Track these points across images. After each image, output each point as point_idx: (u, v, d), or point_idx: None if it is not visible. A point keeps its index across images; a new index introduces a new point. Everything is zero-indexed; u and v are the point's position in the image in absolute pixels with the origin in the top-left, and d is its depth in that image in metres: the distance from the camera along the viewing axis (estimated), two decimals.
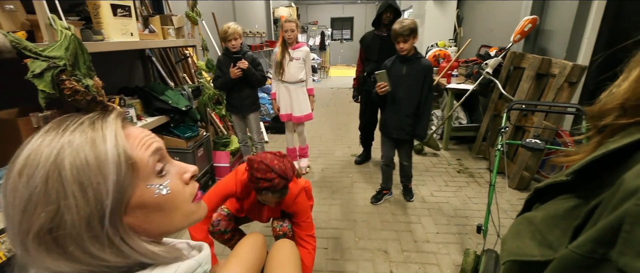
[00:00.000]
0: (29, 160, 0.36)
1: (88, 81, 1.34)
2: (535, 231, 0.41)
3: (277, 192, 1.21)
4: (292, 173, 1.23)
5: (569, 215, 0.37)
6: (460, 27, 4.56)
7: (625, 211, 0.27)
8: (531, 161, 2.58)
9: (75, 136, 0.38)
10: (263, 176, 1.17)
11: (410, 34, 1.90)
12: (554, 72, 2.48)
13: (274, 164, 1.18)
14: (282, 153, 1.29)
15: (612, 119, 0.37)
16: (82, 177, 0.36)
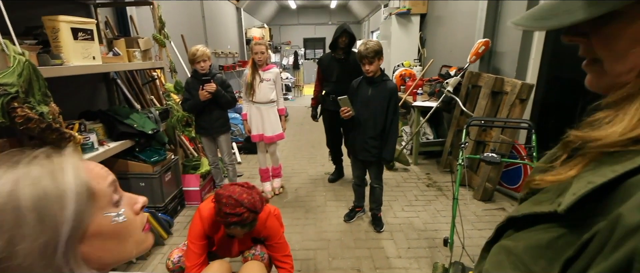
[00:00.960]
0: None
1: (43, 107, 1.28)
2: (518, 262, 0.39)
3: (246, 226, 1.21)
4: (261, 205, 1.23)
5: (553, 245, 0.36)
6: (423, 48, 4.84)
7: (634, 249, 0.27)
8: (493, 173, 2.73)
9: (31, 168, 0.38)
10: (232, 212, 1.16)
11: (374, 55, 1.99)
12: (507, 90, 2.70)
13: (243, 198, 1.18)
14: (250, 184, 1.29)
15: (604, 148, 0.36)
16: (40, 206, 0.36)
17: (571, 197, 0.34)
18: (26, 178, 0.37)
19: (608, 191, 0.32)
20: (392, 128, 2.11)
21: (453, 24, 3.90)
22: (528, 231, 0.41)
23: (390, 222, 2.49)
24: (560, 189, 0.38)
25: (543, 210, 0.38)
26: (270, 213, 1.42)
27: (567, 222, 0.35)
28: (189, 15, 4.54)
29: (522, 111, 2.60)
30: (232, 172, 2.84)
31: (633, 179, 0.31)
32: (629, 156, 0.32)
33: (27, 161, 0.39)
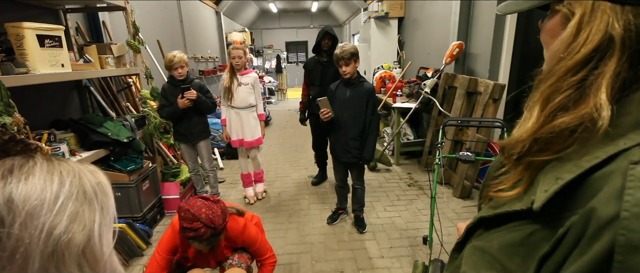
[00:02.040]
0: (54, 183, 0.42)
1: (5, 118, 1.23)
2: (492, 260, 0.40)
3: (204, 241, 1.18)
4: (223, 221, 1.19)
5: (526, 242, 0.37)
6: (402, 51, 4.95)
7: (613, 242, 0.28)
8: (470, 171, 2.82)
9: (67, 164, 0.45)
10: (189, 226, 1.15)
11: (350, 57, 2.02)
12: (480, 90, 2.79)
13: (201, 213, 1.15)
14: (216, 199, 1.26)
15: (532, 154, 0.39)
16: (96, 194, 0.45)
17: (544, 194, 0.35)
18: (78, 171, 0.45)
19: (574, 187, 0.34)
20: (371, 128, 2.14)
21: (429, 27, 4.01)
22: (498, 230, 0.42)
23: (372, 223, 2.52)
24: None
25: (516, 208, 0.39)
26: (246, 224, 1.40)
27: (539, 219, 0.36)
28: (165, 19, 4.45)
29: (496, 110, 2.70)
30: (214, 178, 2.80)
31: (597, 173, 0.32)
32: (588, 151, 0.34)
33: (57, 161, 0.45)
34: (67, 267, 0.40)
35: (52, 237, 0.39)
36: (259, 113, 2.73)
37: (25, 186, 0.39)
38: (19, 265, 0.37)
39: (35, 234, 0.38)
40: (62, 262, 0.40)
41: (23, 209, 0.38)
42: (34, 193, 0.40)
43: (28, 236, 0.38)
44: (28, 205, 0.39)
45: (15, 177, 0.40)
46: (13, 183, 0.39)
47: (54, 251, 0.39)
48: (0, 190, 0.39)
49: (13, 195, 0.39)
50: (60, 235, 0.40)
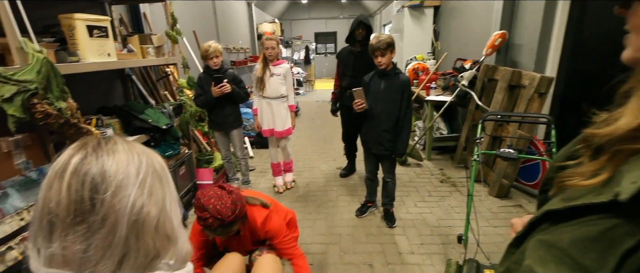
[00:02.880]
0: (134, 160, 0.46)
1: (61, 103, 1.31)
2: (562, 255, 0.38)
3: (214, 231, 1.17)
4: (232, 213, 1.15)
5: (605, 236, 0.35)
6: (437, 41, 4.73)
7: None
8: (509, 169, 2.66)
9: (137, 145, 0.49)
10: (199, 214, 1.15)
11: (387, 48, 1.96)
12: (525, 84, 2.60)
13: (209, 203, 1.13)
14: (231, 189, 1.23)
15: (621, 143, 0.37)
16: (162, 171, 0.50)
17: (633, 186, 0.34)
18: (147, 152, 0.49)
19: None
20: (405, 121, 2.08)
21: (468, 16, 3.78)
22: (570, 224, 0.40)
23: (402, 218, 2.46)
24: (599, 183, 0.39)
25: (597, 201, 0.37)
26: (270, 215, 1.36)
27: (623, 212, 0.35)
28: (200, 11, 4.57)
29: (541, 106, 2.51)
30: (245, 166, 2.87)
31: None
32: None
33: (132, 142, 0.49)
34: (144, 238, 0.44)
35: (136, 208, 0.43)
36: (289, 104, 2.74)
37: (114, 160, 0.44)
38: (109, 229, 0.41)
39: (123, 202, 0.42)
40: (142, 233, 0.44)
41: (114, 180, 0.42)
42: (121, 167, 0.44)
43: (118, 203, 0.42)
44: (117, 177, 0.43)
45: (105, 152, 0.44)
46: (104, 157, 0.44)
47: (136, 220, 0.43)
48: (95, 161, 0.43)
49: (105, 167, 0.43)
50: (142, 206, 0.44)
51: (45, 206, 0.41)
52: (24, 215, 1.17)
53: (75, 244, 0.40)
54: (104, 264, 0.41)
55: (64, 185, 0.41)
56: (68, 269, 0.41)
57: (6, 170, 1.32)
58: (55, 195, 0.41)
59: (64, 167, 0.42)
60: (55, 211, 0.41)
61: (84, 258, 0.41)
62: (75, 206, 0.41)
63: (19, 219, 1.15)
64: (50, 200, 0.41)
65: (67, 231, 0.41)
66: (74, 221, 0.41)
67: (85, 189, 0.41)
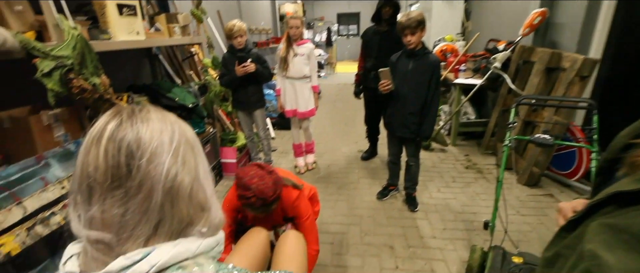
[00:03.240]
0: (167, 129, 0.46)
1: (95, 79, 1.36)
2: (633, 241, 0.36)
3: (255, 209, 1.21)
4: (273, 193, 1.19)
5: None
6: (468, 21, 4.48)
7: None
8: (541, 157, 2.53)
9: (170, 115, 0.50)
10: (242, 193, 1.18)
11: (417, 26, 1.87)
12: (565, 66, 2.42)
13: (252, 183, 1.16)
14: (270, 169, 1.25)
15: None
16: (194, 140, 0.50)
17: None
18: (178, 121, 0.49)
19: None
20: (432, 104, 2.00)
21: None
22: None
23: (425, 202, 2.43)
24: None
25: None
26: (299, 196, 1.39)
27: None
28: None
29: (582, 90, 2.34)
30: (267, 146, 2.90)
31: None
32: None
33: (162, 111, 0.49)
34: (178, 205, 0.45)
35: (170, 174, 0.44)
36: (313, 85, 2.71)
37: (149, 127, 0.44)
38: (145, 195, 0.42)
39: (158, 169, 0.43)
40: (177, 199, 0.45)
41: (148, 147, 0.43)
42: (155, 135, 0.44)
43: (153, 169, 0.43)
44: (152, 144, 0.43)
45: (139, 119, 0.45)
46: (139, 124, 0.44)
47: (172, 187, 0.44)
48: (130, 128, 0.43)
49: (140, 134, 0.43)
50: (176, 174, 0.44)
51: (84, 170, 0.42)
52: (64, 184, 1.24)
53: (113, 208, 0.42)
54: (141, 229, 0.43)
55: (101, 150, 0.42)
56: (107, 231, 0.42)
57: (47, 142, 1.40)
58: (93, 160, 0.42)
59: (101, 133, 0.43)
60: (94, 175, 0.42)
61: (122, 222, 0.42)
62: (112, 172, 0.41)
63: (61, 187, 1.22)
64: (88, 165, 0.42)
65: (105, 195, 0.42)
66: (111, 186, 0.42)
67: (121, 155, 0.42)
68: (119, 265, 0.40)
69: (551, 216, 2.23)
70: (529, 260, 1.49)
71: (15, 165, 1.21)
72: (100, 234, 0.42)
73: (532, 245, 1.95)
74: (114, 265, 0.40)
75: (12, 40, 1.15)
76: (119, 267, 0.40)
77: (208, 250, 0.48)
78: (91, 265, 0.43)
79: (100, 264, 0.42)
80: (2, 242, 0.96)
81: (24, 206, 1.07)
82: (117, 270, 0.40)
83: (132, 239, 0.42)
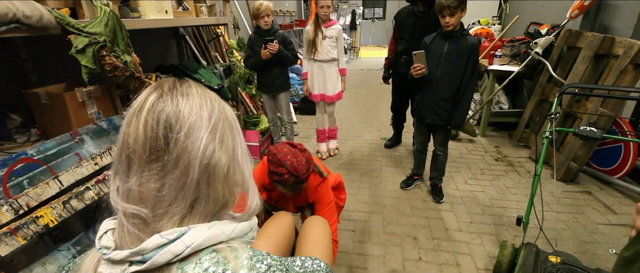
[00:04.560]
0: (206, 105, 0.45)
1: (126, 57, 1.36)
2: None
3: (287, 186, 1.22)
4: (306, 171, 1.20)
5: None
6: (506, 3, 4.18)
7: None
8: (581, 152, 2.36)
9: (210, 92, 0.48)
10: (275, 170, 1.18)
11: (458, 6, 1.73)
12: (617, 53, 2.21)
13: (286, 160, 1.18)
14: (302, 147, 1.26)
15: None
16: (233, 119, 0.49)
17: None
18: (217, 99, 0.48)
19: None
20: (467, 89, 1.88)
21: None
22: None
23: (450, 194, 2.34)
24: None
25: None
26: (325, 182, 1.39)
27: None
28: None
29: (635, 79, 2.13)
30: (290, 130, 2.89)
31: None
32: None
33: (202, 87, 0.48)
34: (214, 184, 0.44)
35: (208, 151, 0.43)
36: (340, 68, 2.64)
37: (188, 102, 0.43)
38: (182, 170, 0.42)
39: (195, 144, 0.42)
40: (213, 178, 0.44)
41: (187, 120, 0.42)
42: (194, 109, 0.43)
43: (191, 144, 0.42)
44: (191, 118, 0.42)
45: (179, 93, 0.44)
46: (179, 97, 0.43)
47: (208, 164, 0.43)
48: (170, 101, 0.43)
49: (180, 107, 0.42)
50: (214, 152, 0.44)
51: (124, 141, 0.42)
52: (97, 160, 1.28)
53: (150, 182, 0.41)
54: (177, 205, 0.42)
55: (141, 121, 0.42)
56: (143, 206, 0.42)
57: (81, 118, 1.43)
58: (133, 131, 0.42)
59: (142, 105, 0.43)
60: (133, 146, 0.41)
61: (158, 197, 0.41)
62: (151, 144, 0.41)
63: (94, 163, 1.26)
64: (129, 136, 0.42)
65: (143, 168, 0.41)
66: (149, 158, 0.41)
67: (160, 127, 0.41)
68: (154, 243, 0.39)
69: (588, 215, 2.09)
70: (567, 260, 1.40)
71: (53, 140, 1.25)
72: (136, 208, 0.41)
73: (567, 244, 1.85)
74: (149, 242, 0.39)
75: (49, 15, 1.17)
76: (154, 245, 0.39)
77: (242, 235, 0.46)
78: (126, 240, 0.42)
79: (135, 239, 0.42)
80: (41, 213, 1.00)
81: (60, 181, 1.11)
82: (152, 248, 0.39)
83: (167, 216, 0.42)
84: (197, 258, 0.40)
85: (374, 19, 12.47)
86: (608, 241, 1.86)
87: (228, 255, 0.41)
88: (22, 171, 1.11)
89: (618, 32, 2.41)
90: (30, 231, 0.97)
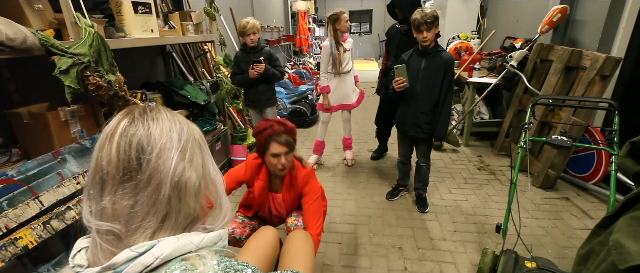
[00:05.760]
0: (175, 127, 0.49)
1: (110, 76, 1.39)
2: None
3: (281, 136, 1.33)
4: (291, 126, 1.39)
5: None
6: (483, 18, 4.38)
7: None
8: (557, 159, 2.46)
9: (180, 118, 0.51)
10: (264, 127, 1.34)
11: (433, 21, 1.83)
12: (585, 65, 2.34)
13: (273, 120, 1.38)
14: None
15: None
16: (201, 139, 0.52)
17: None
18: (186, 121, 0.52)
19: None
20: (445, 103, 1.96)
21: None
22: None
23: (435, 203, 2.39)
24: None
25: None
26: (308, 174, 1.49)
27: None
28: None
29: (603, 90, 2.25)
30: None
31: None
32: None
33: (171, 111, 0.51)
34: (185, 200, 0.47)
35: (178, 170, 0.46)
36: (355, 75, 2.89)
37: (159, 125, 0.47)
38: (154, 188, 0.45)
39: (167, 163, 0.45)
40: (184, 194, 0.47)
41: (158, 142, 0.45)
42: (165, 132, 0.47)
43: (162, 164, 0.45)
44: (162, 139, 0.46)
45: (150, 118, 0.47)
46: (149, 122, 0.47)
47: (179, 181, 0.46)
48: (141, 125, 0.46)
49: (151, 130, 0.46)
50: (184, 170, 0.47)
51: (97, 164, 0.45)
52: (80, 179, 1.28)
53: (124, 199, 0.44)
54: (149, 220, 0.45)
55: (114, 145, 0.45)
56: (117, 222, 0.44)
57: (64, 138, 1.44)
58: (106, 154, 0.45)
59: (114, 130, 0.46)
60: (106, 168, 0.44)
61: (131, 213, 0.44)
62: (124, 165, 0.44)
63: (76, 183, 1.26)
64: (102, 159, 0.45)
65: (116, 187, 0.44)
66: (122, 178, 0.44)
67: (132, 149, 0.44)
68: (124, 257, 0.41)
69: (566, 220, 2.16)
70: (542, 265, 1.45)
71: (34, 160, 1.25)
72: (110, 225, 0.44)
73: (546, 249, 1.90)
74: (119, 256, 0.41)
75: (33, 37, 1.19)
76: (124, 259, 0.41)
77: (210, 244, 0.49)
78: (99, 257, 0.44)
79: (108, 255, 0.44)
80: (20, 234, 1.00)
81: (41, 201, 1.10)
82: (122, 262, 0.41)
83: (140, 230, 0.44)
84: (166, 268, 0.42)
85: (361, 34, 12.78)
86: None
87: (196, 263, 0.44)
88: (2, 192, 1.11)
89: (585, 46, 2.56)
90: (8, 253, 0.97)
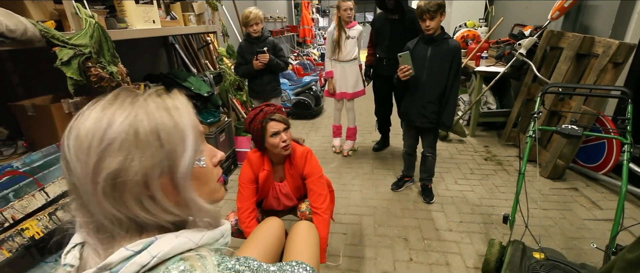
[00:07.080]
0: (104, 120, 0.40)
1: (112, 68, 1.38)
2: None
3: (275, 115, 1.35)
4: (279, 106, 1.41)
5: None
6: (491, 6, 4.26)
7: None
8: (567, 149, 2.41)
9: (148, 103, 0.42)
10: (255, 113, 1.37)
11: (437, 10, 1.77)
12: (597, 52, 2.27)
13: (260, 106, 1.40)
14: None
15: None
16: (159, 133, 0.41)
17: None
18: (144, 110, 0.41)
19: None
20: (452, 91, 1.92)
21: None
22: None
23: (441, 194, 2.37)
24: None
25: None
26: (308, 153, 1.49)
27: None
28: None
29: (615, 78, 2.19)
30: None
31: None
32: None
33: (144, 98, 0.43)
34: (125, 203, 0.40)
35: (103, 173, 0.39)
36: (359, 64, 2.82)
37: (85, 122, 0.40)
38: (89, 190, 0.40)
39: (85, 169, 0.39)
40: (120, 200, 0.40)
41: (77, 142, 0.40)
42: (90, 129, 0.40)
43: (82, 167, 0.39)
44: (80, 139, 0.40)
45: (85, 110, 0.42)
46: (80, 117, 0.41)
47: (107, 186, 0.39)
48: (73, 121, 0.42)
49: (79, 127, 0.40)
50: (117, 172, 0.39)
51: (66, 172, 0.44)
52: None
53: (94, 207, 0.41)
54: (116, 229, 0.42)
55: (64, 150, 0.42)
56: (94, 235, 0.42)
57: None
58: (64, 163, 0.43)
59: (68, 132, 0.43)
60: (68, 177, 0.42)
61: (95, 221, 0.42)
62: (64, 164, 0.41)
63: None
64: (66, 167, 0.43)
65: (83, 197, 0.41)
66: (79, 189, 0.41)
67: (69, 146, 0.41)
68: (119, 256, 0.39)
69: (575, 211, 2.13)
70: (551, 256, 1.43)
71: (39, 152, 1.25)
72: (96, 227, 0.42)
73: (554, 241, 1.88)
74: (114, 256, 0.39)
75: (33, 28, 1.18)
76: (119, 258, 0.38)
77: (211, 242, 0.45)
78: (92, 256, 0.42)
79: (102, 254, 0.41)
80: (26, 225, 1.00)
81: (46, 192, 1.11)
82: (118, 261, 0.38)
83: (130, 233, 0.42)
84: (164, 267, 0.40)
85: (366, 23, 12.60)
86: (594, 236, 1.90)
87: (195, 264, 0.41)
88: (8, 183, 1.12)
89: (597, 32, 2.48)
90: (16, 243, 0.97)
